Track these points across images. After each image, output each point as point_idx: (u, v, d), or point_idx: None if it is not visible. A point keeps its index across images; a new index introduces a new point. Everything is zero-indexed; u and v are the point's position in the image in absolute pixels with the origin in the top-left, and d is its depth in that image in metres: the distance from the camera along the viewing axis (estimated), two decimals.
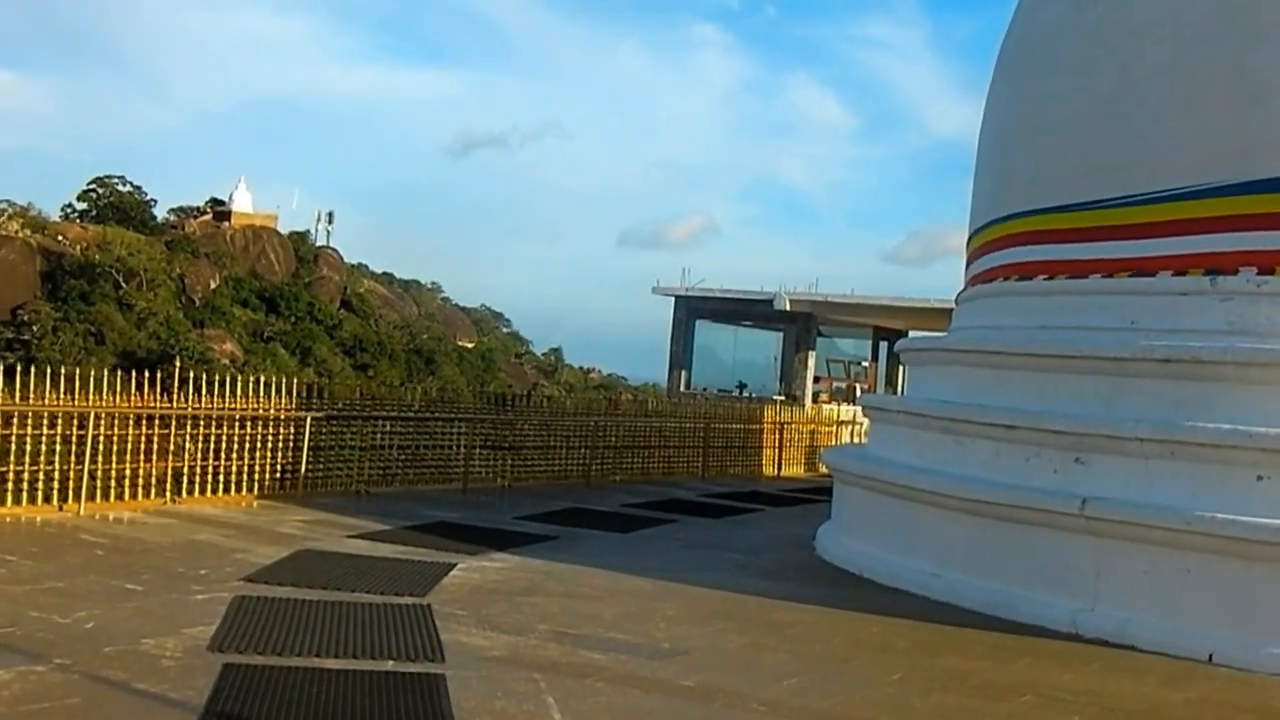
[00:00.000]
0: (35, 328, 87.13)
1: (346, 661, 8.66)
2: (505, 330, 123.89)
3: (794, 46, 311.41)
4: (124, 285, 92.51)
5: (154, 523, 14.40)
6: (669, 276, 37.10)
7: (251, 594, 10.62)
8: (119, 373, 15.76)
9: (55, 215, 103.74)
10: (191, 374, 16.13)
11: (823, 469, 30.84)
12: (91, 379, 14.86)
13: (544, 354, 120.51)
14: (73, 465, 14.58)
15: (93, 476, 14.83)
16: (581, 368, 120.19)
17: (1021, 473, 12.65)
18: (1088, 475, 12.09)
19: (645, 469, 25.02)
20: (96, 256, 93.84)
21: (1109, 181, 13.37)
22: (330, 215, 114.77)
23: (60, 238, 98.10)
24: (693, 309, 36.52)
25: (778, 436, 29.16)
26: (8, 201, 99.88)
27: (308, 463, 17.51)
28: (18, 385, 14.16)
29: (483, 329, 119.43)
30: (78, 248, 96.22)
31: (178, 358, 18.60)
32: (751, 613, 11.54)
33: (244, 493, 16.73)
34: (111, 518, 14.60)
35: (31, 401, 14.25)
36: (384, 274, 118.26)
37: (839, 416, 32.95)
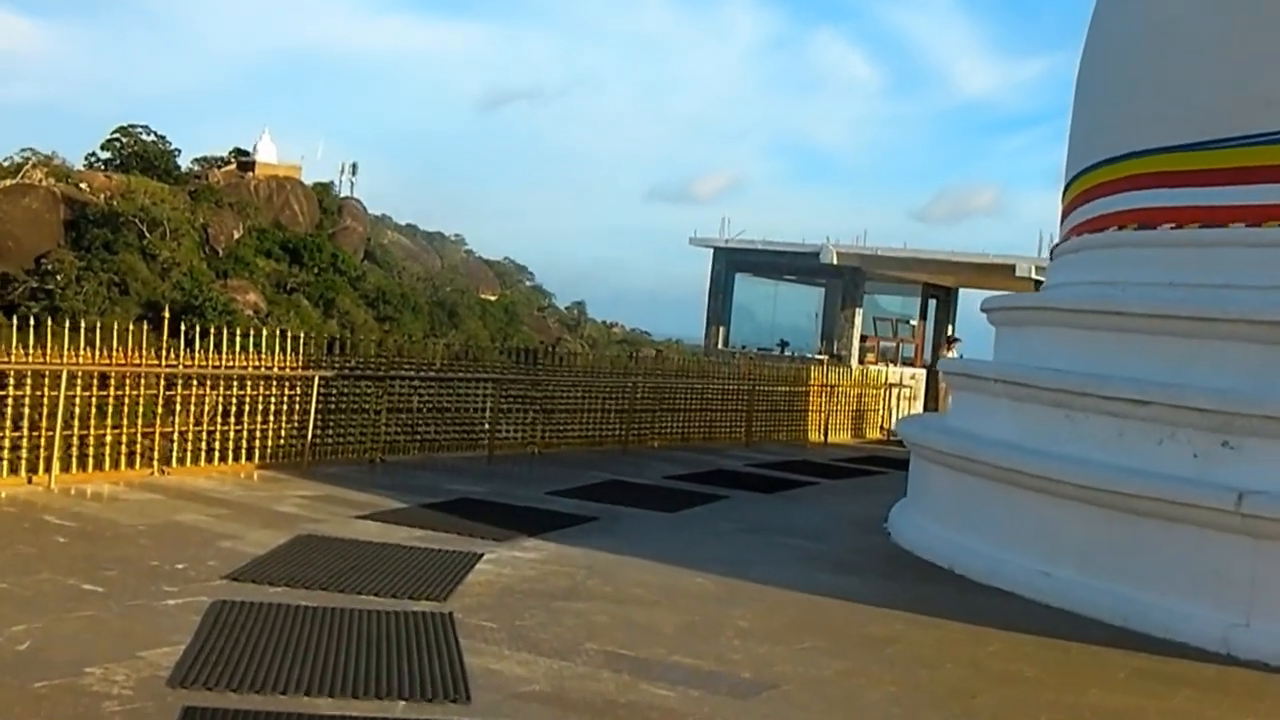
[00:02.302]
0: (59, 276, 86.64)
1: (344, 703, 6.73)
2: (529, 284, 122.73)
3: (820, 2, 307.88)
4: (147, 235, 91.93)
5: (134, 499, 12.47)
6: (700, 230, 34.93)
7: (234, 598, 8.68)
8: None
9: (79, 164, 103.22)
10: (183, 327, 14.12)
11: (870, 435, 29.01)
12: (66, 333, 12.91)
13: (567, 308, 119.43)
14: (43, 431, 12.67)
15: (66, 444, 12.91)
16: (605, 322, 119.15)
17: (1153, 457, 10.63)
18: (1239, 462, 10.06)
19: (685, 434, 23.11)
20: (120, 206, 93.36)
21: (1261, 114, 11.26)
22: (354, 166, 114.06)
23: (84, 186, 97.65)
24: (732, 262, 34.28)
25: (824, 400, 27.17)
26: (31, 150, 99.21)
27: (315, 428, 15.54)
28: None
29: (506, 282, 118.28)
30: (101, 197, 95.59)
31: (166, 308, 16.56)
32: (839, 624, 9.58)
33: (242, 461, 14.79)
34: (89, 492, 12.66)
35: None
36: (408, 226, 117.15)
37: (888, 378, 30.93)
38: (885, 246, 32.38)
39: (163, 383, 13.83)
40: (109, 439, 13.35)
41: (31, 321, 12.67)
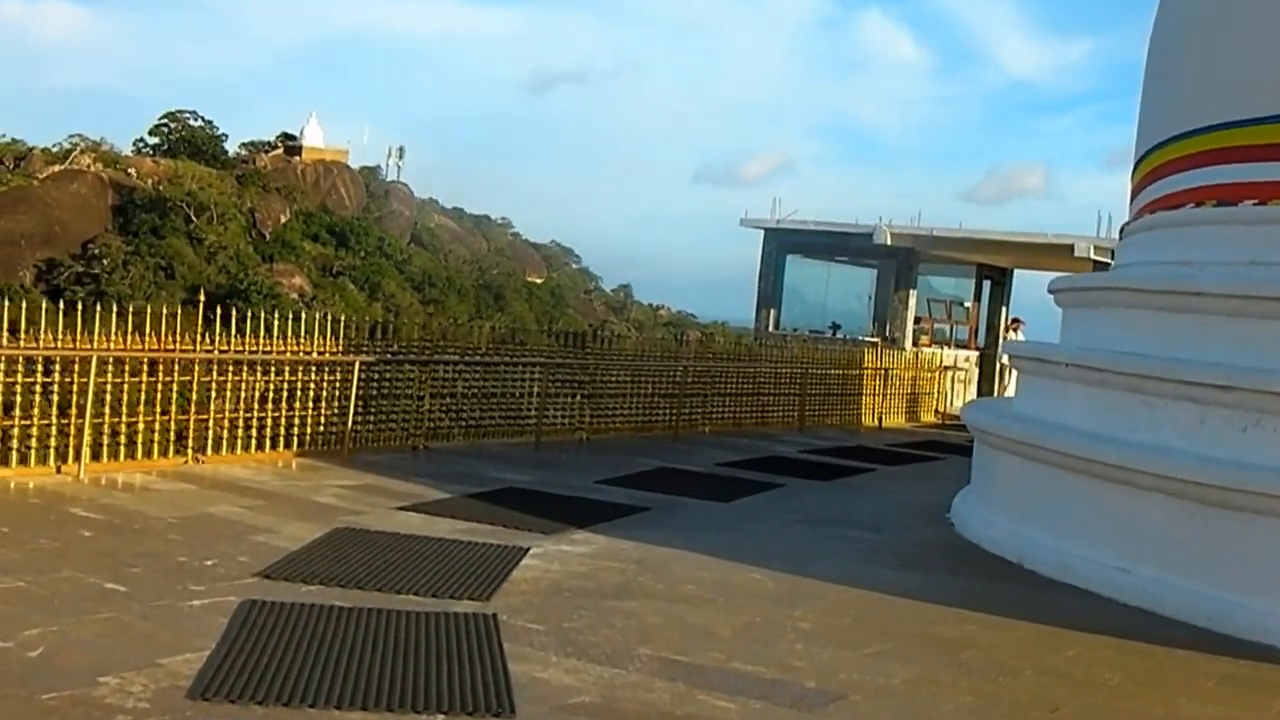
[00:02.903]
0: (105, 261, 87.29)
1: (379, 716, 6.21)
2: (575, 266, 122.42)
3: None
4: (194, 219, 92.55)
5: (166, 489, 12.02)
6: (751, 211, 34.06)
7: (265, 597, 8.18)
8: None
9: (127, 149, 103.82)
10: (219, 311, 13.64)
11: (925, 419, 28.33)
12: (97, 317, 12.47)
13: (613, 290, 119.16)
14: (73, 419, 12.23)
15: (97, 432, 12.49)
16: (650, 305, 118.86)
17: (1238, 446, 9.97)
18: None
19: (737, 419, 22.52)
20: (167, 190, 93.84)
21: None
22: (401, 150, 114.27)
23: (131, 171, 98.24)
24: (783, 243, 33.44)
25: (879, 384, 26.50)
26: (80, 135, 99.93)
27: (356, 414, 15.04)
28: (4, 325, 11.75)
29: (552, 265, 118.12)
30: (149, 182, 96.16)
31: (203, 290, 16.04)
32: (906, 624, 8.98)
33: (280, 449, 14.35)
34: (120, 482, 12.23)
35: (22, 344, 11.86)
36: (454, 209, 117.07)
37: (942, 361, 30.22)
38: (940, 226, 31.50)
39: (197, 368, 13.38)
40: (141, 427, 12.92)
41: (61, 306, 12.20)
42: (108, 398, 12.56)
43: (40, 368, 11.99)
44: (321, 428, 14.82)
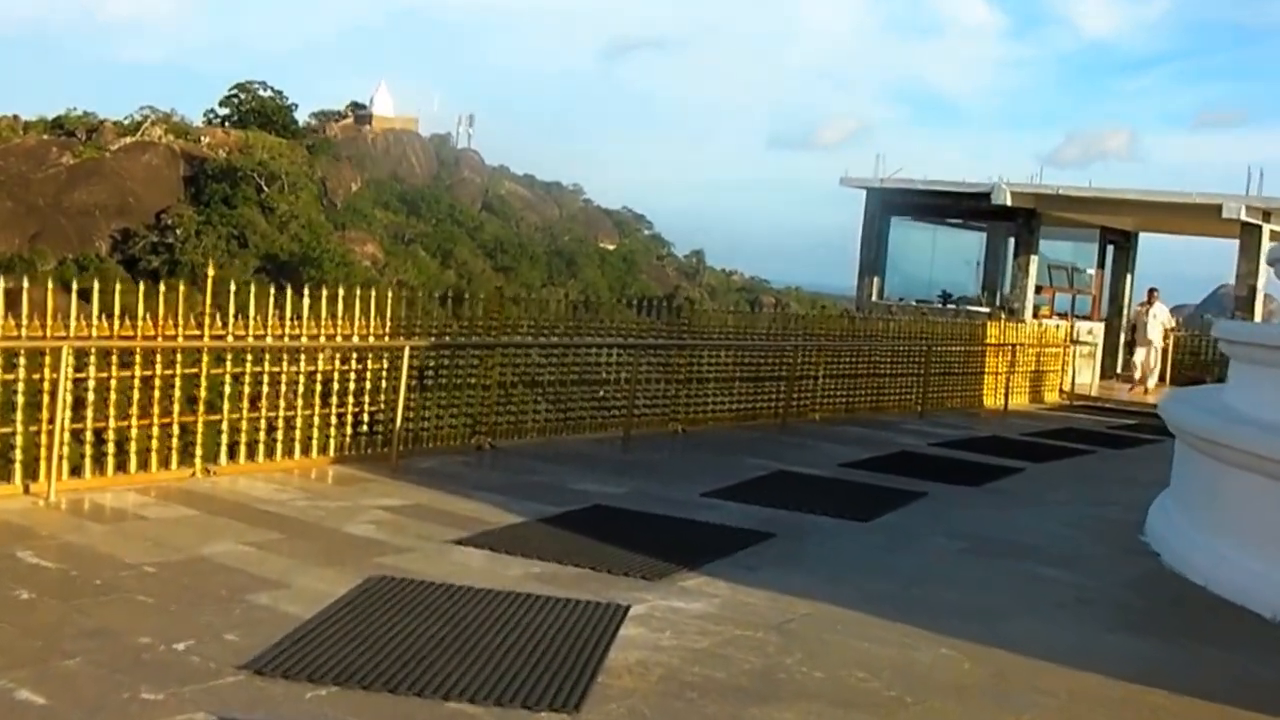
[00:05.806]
0: (179, 231, 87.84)
1: None
2: (647, 232, 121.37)
3: None
4: (266, 188, 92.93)
5: (157, 517, 9.32)
6: (848, 171, 30.78)
7: (246, 715, 5.49)
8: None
9: (197, 121, 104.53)
10: (234, 288, 10.94)
11: (1049, 398, 25.41)
12: (74, 302, 9.78)
13: (685, 256, 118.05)
14: (44, 425, 9.59)
15: (78, 440, 9.87)
16: (723, 270, 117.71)
17: None
18: None
19: (850, 404, 19.73)
20: (238, 161, 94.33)
21: None
22: (471, 118, 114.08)
23: (204, 139, 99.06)
24: (888, 204, 30.26)
25: (1004, 361, 23.49)
26: (150, 107, 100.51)
27: (406, 410, 12.25)
28: None
29: (624, 231, 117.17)
30: (220, 152, 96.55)
31: (174, 263, 13.39)
32: None
33: (313, 455, 11.66)
34: (102, 507, 9.57)
35: None
36: (525, 176, 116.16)
37: (1069, 335, 27.16)
38: (1066, 185, 28.28)
39: (205, 359, 10.71)
40: (135, 433, 10.26)
41: (23, 284, 9.52)
42: (90, 398, 9.93)
43: None
44: (364, 427, 12.13)
